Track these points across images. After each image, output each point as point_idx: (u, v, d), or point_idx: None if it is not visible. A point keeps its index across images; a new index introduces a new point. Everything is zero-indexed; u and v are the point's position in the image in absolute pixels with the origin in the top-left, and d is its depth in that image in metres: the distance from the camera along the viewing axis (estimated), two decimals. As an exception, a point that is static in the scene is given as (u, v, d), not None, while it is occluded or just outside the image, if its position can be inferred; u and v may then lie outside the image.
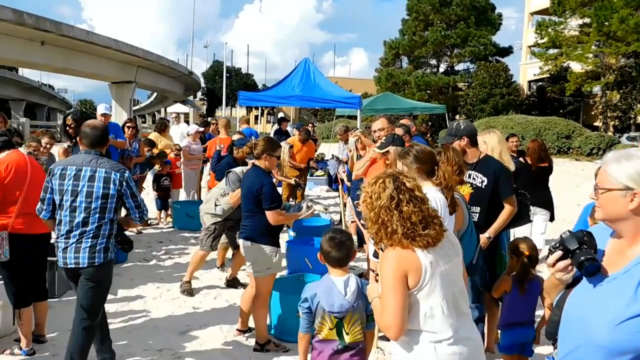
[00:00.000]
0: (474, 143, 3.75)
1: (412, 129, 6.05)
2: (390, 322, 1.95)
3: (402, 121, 6.29)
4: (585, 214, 3.62)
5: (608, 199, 1.55)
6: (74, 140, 5.43)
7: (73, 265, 3.15)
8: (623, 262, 1.54)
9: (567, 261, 1.58)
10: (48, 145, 5.72)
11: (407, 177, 2.08)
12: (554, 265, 1.62)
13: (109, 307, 4.09)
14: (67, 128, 5.37)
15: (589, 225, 2.89)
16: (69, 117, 5.43)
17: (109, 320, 4.01)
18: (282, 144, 7.58)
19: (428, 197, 2.16)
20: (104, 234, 3.17)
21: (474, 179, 3.67)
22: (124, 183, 3.19)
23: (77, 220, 3.11)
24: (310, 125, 16.17)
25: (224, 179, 5.17)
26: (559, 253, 1.60)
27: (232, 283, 5.36)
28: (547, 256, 1.67)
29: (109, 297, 4.19)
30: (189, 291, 5.15)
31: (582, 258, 1.54)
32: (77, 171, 3.14)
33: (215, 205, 5.06)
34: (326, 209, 9.72)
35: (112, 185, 3.15)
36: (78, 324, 3.21)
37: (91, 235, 3.13)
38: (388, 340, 3.86)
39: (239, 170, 5.03)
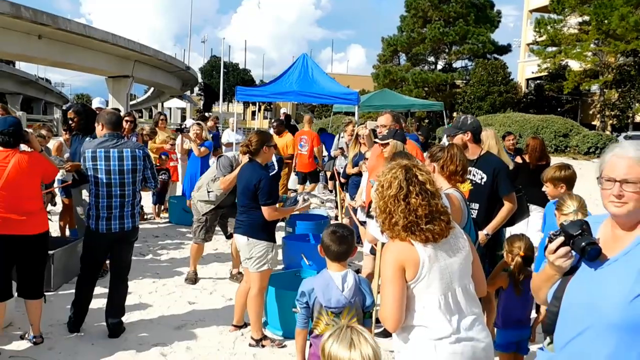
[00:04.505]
0: (476, 140, 3.73)
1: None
2: (387, 313, 1.96)
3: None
4: (548, 212, 3.60)
5: None
6: (73, 133, 5.38)
7: (118, 230, 3.80)
8: (620, 246, 1.58)
9: (568, 247, 1.61)
10: (47, 139, 5.77)
11: (420, 169, 2.06)
12: (555, 251, 1.63)
13: (103, 303, 4.07)
14: (70, 122, 5.28)
15: (556, 224, 2.88)
16: (71, 110, 5.34)
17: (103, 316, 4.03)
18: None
19: None
20: (137, 202, 3.94)
21: (473, 175, 3.65)
22: (146, 158, 3.92)
23: (115, 193, 3.76)
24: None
25: (215, 163, 5.16)
26: (560, 239, 1.62)
27: (237, 277, 5.31)
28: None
29: (102, 291, 4.19)
30: (192, 279, 5.25)
31: (584, 243, 1.57)
32: (106, 153, 3.74)
33: (208, 191, 5.04)
34: (323, 203, 9.72)
35: (139, 161, 3.84)
36: (120, 279, 3.98)
37: (130, 203, 3.85)
38: (384, 337, 3.85)
39: (230, 154, 5.02)
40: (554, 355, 1.70)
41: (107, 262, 4.58)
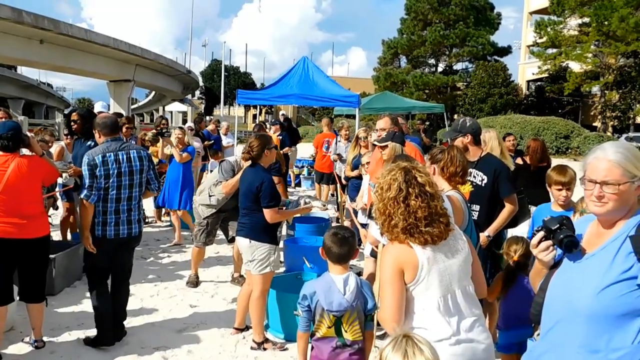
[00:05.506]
0: (477, 142, 3.74)
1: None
2: (386, 315, 1.96)
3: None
4: (537, 216, 3.57)
5: (628, 190, 1.61)
6: (75, 136, 5.39)
7: (126, 235, 3.76)
8: (600, 242, 1.67)
9: (549, 242, 1.72)
10: (50, 144, 5.78)
11: (419, 171, 2.06)
12: (537, 245, 1.74)
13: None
14: (73, 124, 5.28)
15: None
16: (75, 112, 5.33)
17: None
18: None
19: None
20: (141, 206, 3.92)
21: (474, 177, 3.65)
22: (149, 158, 3.92)
23: (124, 196, 3.73)
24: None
25: (217, 167, 5.18)
26: (541, 234, 1.74)
27: (238, 281, 5.31)
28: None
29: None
30: (193, 282, 5.28)
31: (562, 236, 1.68)
32: (115, 156, 3.71)
33: (210, 195, 5.05)
34: (324, 205, 9.71)
35: (145, 162, 3.85)
36: (122, 284, 3.95)
37: (137, 207, 3.83)
38: (384, 339, 3.84)
39: (232, 159, 5.04)
40: (537, 344, 1.81)
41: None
